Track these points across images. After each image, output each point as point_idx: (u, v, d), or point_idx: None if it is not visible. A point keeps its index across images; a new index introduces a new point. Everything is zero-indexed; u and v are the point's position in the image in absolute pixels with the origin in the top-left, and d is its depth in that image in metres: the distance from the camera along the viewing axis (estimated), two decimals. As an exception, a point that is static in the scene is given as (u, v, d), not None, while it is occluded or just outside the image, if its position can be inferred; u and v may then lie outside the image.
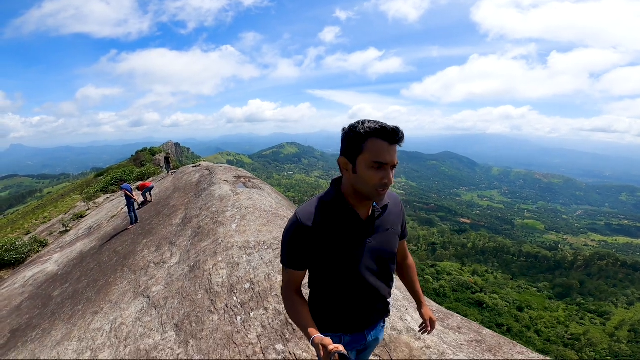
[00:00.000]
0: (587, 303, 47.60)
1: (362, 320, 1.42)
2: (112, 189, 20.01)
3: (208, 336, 3.07)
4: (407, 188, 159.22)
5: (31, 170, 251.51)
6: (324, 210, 1.29)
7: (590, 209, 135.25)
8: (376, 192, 1.20)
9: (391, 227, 1.41)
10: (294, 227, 1.28)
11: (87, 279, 6.39)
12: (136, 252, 6.57)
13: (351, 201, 1.29)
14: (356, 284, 1.34)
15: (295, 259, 1.31)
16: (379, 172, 1.16)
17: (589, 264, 62.36)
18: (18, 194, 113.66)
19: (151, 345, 3.31)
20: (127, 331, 3.78)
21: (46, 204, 26.60)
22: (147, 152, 39.67)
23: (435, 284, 49.63)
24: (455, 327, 3.24)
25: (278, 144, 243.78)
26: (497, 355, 2.74)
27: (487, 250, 72.59)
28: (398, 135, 1.16)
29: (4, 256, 10.35)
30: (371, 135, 1.14)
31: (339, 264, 1.30)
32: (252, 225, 5.20)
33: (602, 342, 37.10)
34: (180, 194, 10.26)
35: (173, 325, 3.49)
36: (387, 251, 1.40)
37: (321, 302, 1.42)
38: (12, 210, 58.30)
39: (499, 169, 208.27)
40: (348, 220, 1.29)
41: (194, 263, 4.67)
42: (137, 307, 4.28)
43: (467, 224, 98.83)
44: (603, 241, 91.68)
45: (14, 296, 7.14)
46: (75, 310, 5.19)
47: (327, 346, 1.05)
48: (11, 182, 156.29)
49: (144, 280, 5.05)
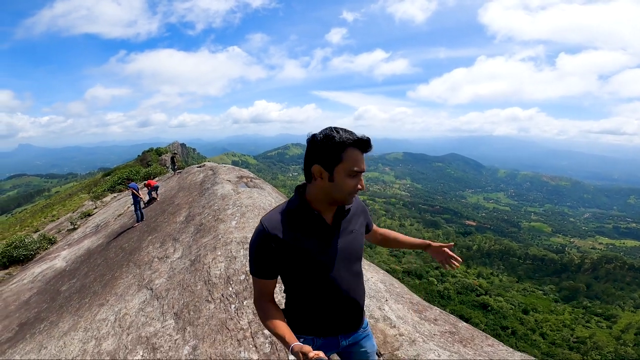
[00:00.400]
0: (594, 306, 47.13)
1: (334, 323, 1.43)
2: (119, 188, 20.38)
3: (204, 323, 3.31)
4: (412, 190, 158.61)
5: (39, 169, 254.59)
6: (290, 218, 1.32)
7: (598, 212, 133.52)
8: (349, 198, 1.29)
9: (356, 228, 1.46)
10: (260, 236, 1.29)
11: (94, 274, 6.62)
12: (141, 248, 6.82)
13: (316, 207, 1.33)
14: (326, 287, 1.35)
15: (264, 268, 1.32)
16: (354, 180, 1.24)
17: (596, 267, 61.66)
18: (26, 193, 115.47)
19: (151, 332, 3.56)
20: (130, 320, 4.02)
21: (54, 203, 27.12)
22: (153, 153, 40.14)
23: (439, 286, 49.48)
24: (431, 319, 3.44)
25: (283, 145, 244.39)
26: (467, 346, 2.90)
27: (493, 252, 72.08)
28: (370, 145, 1.24)
29: (13, 253, 10.58)
30: (349, 145, 1.20)
31: (309, 269, 1.32)
32: (251, 222, 5.48)
33: (608, 345, 36.70)
34: (184, 193, 10.54)
35: (173, 314, 3.75)
36: (354, 252, 1.43)
37: (294, 306, 1.44)
38: (20, 209, 59.33)
39: (505, 171, 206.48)
40: (314, 226, 1.32)
41: (195, 257, 4.93)
42: (140, 298, 4.51)
43: (473, 227, 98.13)
44: (611, 244, 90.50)
45: (22, 291, 7.37)
46: (82, 303, 5.40)
47: (307, 353, 1.05)
48: (19, 181, 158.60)
49: (147, 274, 5.30)
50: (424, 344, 2.74)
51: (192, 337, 3.18)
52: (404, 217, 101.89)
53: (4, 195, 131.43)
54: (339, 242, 1.36)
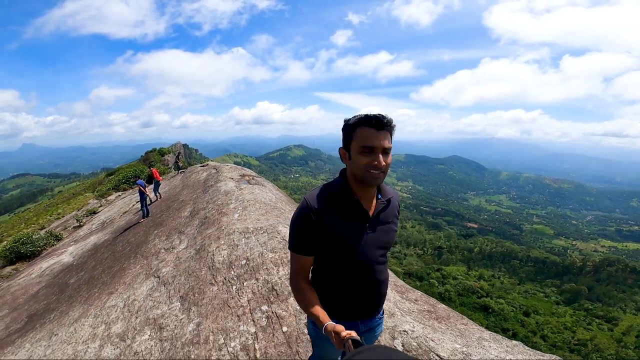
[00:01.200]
0: (595, 309, 46.95)
1: (356, 309, 1.46)
2: (124, 187, 20.67)
3: (207, 303, 3.57)
4: (414, 192, 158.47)
5: (43, 169, 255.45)
6: (332, 198, 1.36)
7: (601, 215, 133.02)
8: (368, 174, 1.27)
9: (392, 220, 1.49)
10: (303, 212, 1.34)
11: (102, 266, 6.85)
12: (148, 241, 7.06)
13: (356, 191, 1.36)
14: (355, 271, 1.39)
15: (304, 243, 1.36)
16: (367, 156, 1.25)
17: (598, 270, 61.44)
18: (29, 193, 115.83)
19: (159, 314, 3.80)
20: (138, 305, 4.25)
21: (58, 202, 27.37)
22: (156, 153, 40.42)
23: (440, 287, 49.38)
24: (412, 299, 3.75)
25: (285, 147, 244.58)
26: (441, 323, 3.13)
27: (494, 255, 71.95)
28: (383, 121, 1.24)
29: (21, 249, 10.74)
30: (359, 124, 1.26)
31: (341, 252, 1.35)
32: (252, 215, 5.73)
33: (609, 347, 36.57)
34: (188, 191, 10.87)
35: (179, 297, 3.99)
36: (386, 243, 1.45)
37: (320, 287, 1.46)
38: (24, 209, 59.74)
39: (507, 174, 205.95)
40: (352, 210, 1.36)
41: (200, 246, 5.17)
42: (148, 286, 4.75)
43: (475, 229, 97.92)
44: (613, 247, 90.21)
45: (30, 285, 7.55)
46: (91, 293, 5.64)
47: (339, 332, 1.10)
48: (23, 181, 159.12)
49: (154, 263, 5.54)
50: (401, 317, 2.98)
51: (197, 316, 3.43)
52: (405, 219, 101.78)
53: (7, 194, 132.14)
54: (374, 230, 1.40)
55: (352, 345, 1.02)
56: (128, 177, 21.86)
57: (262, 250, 4.30)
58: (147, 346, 3.30)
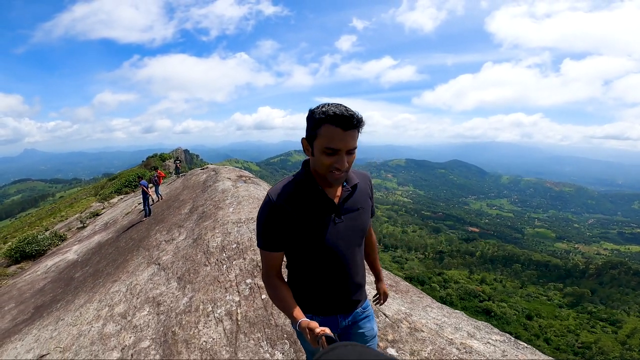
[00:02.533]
0: (599, 311, 46.60)
1: (332, 301, 1.41)
2: (126, 191, 20.98)
3: (200, 280, 4.02)
4: (415, 196, 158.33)
5: (44, 174, 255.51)
6: (296, 190, 1.30)
7: (603, 218, 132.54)
8: (331, 175, 1.20)
9: (361, 206, 1.41)
10: (267, 208, 1.28)
11: (106, 260, 7.16)
12: (150, 236, 7.43)
13: (320, 182, 1.29)
14: (326, 263, 1.33)
15: (272, 240, 1.30)
16: (330, 157, 1.16)
17: (600, 273, 61.10)
18: (31, 198, 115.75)
19: (157, 294, 4.18)
20: (139, 289, 4.60)
21: (61, 206, 27.44)
22: (157, 158, 40.64)
23: (442, 292, 49.13)
24: None
25: (286, 152, 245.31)
26: (398, 294, 3.49)
27: (496, 258, 71.67)
28: (352, 121, 1.12)
29: (26, 248, 10.93)
30: (325, 122, 1.12)
31: (310, 244, 1.30)
32: (246, 208, 6.24)
33: (614, 350, 36.22)
34: (189, 191, 11.37)
35: (176, 278, 4.39)
36: (358, 231, 1.39)
37: (295, 282, 1.43)
38: (25, 214, 59.86)
39: (508, 178, 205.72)
40: (318, 201, 1.29)
41: (197, 236, 5.58)
42: (149, 272, 5.10)
43: (476, 233, 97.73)
44: (615, 250, 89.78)
45: (36, 281, 7.80)
46: (96, 283, 5.91)
47: (313, 329, 1.06)
48: (24, 186, 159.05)
49: (155, 253, 5.89)
50: (363, 287, 3.39)
51: (190, 291, 3.83)
52: (406, 223, 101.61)
53: (8, 199, 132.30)
54: (343, 219, 1.34)
55: (325, 342, 1.01)
56: (130, 181, 22.19)
57: (250, 236, 4.77)
58: (145, 320, 3.62)
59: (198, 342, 2.94)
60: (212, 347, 2.81)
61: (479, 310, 44.43)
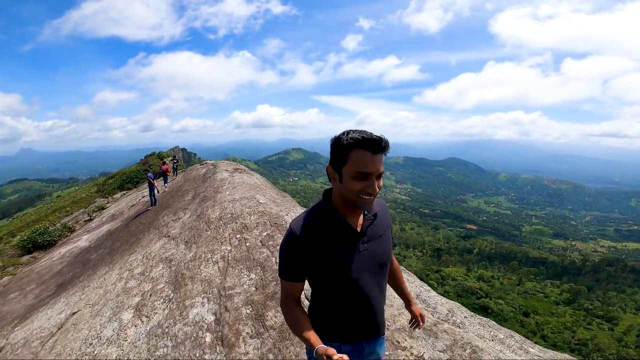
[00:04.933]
0: (595, 308, 46.96)
1: (358, 329, 1.42)
2: (128, 187, 21.38)
3: (203, 241, 5.14)
4: (413, 194, 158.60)
5: (41, 174, 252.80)
6: (317, 222, 1.31)
7: (600, 215, 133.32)
8: (361, 200, 1.21)
9: (383, 233, 1.44)
10: (289, 240, 1.30)
11: (120, 241, 8.00)
12: (158, 219, 8.32)
13: (341, 211, 1.31)
14: (351, 291, 1.34)
15: (293, 271, 1.32)
16: (362, 182, 1.17)
17: (597, 270, 61.55)
18: (28, 198, 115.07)
19: (169, 255, 5.23)
20: (154, 255, 5.54)
21: (63, 203, 27.30)
22: (155, 157, 40.53)
23: (439, 289, 49.33)
24: None
25: (284, 150, 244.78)
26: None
27: (493, 255, 72.06)
28: (381, 144, 1.15)
29: (38, 239, 11.52)
30: (354, 146, 1.15)
31: (335, 273, 1.30)
32: (239, 191, 7.37)
33: (610, 347, 36.51)
34: (190, 183, 12.34)
35: (184, 242, 5.54)
36: (382, 258, 1.41)
37: (320, 311, 1.43)
38: (22, 213, 59.58)
39: (506, 175, 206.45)
40: (340, 230, 1.30)
41: (200, 213, 6.70)
42: (161, 243, 6.09)
43: (474, 230, 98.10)
44: (612, 247, 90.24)
45: (54, 265, 8.42)
46: (114, 258, 6.71)
47: (331, 356, 1.06)
48: (20, 186, 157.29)
49: (165, 230, 6.89)
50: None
51: (195, 248, 4.99)
52: (404, 221, 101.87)
53: (5, 199, 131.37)
54: (366, 247, 1.35)
55: None
56: (132, 178, 22.63)
57: (242, 208, 5.96)
58: (160, 272, 4.68)
59: (200, 276, 4.08)
60: (209, 278, 3.99)
61: (476, 308, 44.67)
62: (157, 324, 3.42)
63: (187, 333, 3.10)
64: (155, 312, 3.66)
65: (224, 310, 3.29)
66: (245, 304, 3.33)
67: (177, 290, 3.91)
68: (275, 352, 2.66)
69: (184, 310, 3.48)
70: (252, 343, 2.81)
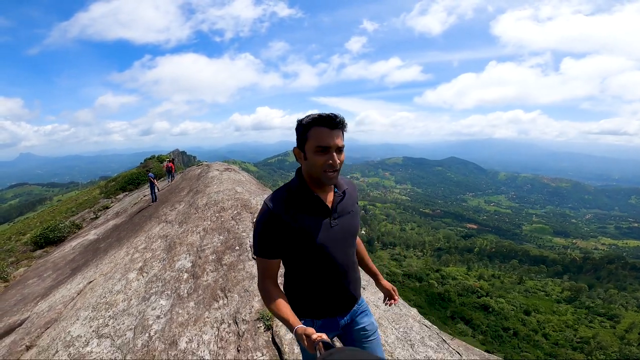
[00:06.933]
0: (597, 306, 46.86)
1: (332, 304, 1.47)
2: (130, 188, 22.06)
3: (191, 221, 6.48)
4: (413, 194, 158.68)
5: (40, 178, 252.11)
6: (290, 197, 1.37)
7: (600, 213, 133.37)
8: (324, 175, 1.30)
9: (352, 209, 1.51)
10: (265, 216, 1.34)
11: (125, 231, 9.20)
12: (158, 211, 9.66)
13: (313, 188, 1.38)
14: (324, 266, 1.39)
15: (268, 247, 1.35)
16: (323, 156, 1.27)
17: (598, 268, 61.57)
18: (28, 202, 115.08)
19: (166, 233, 6.53)
20: (154, 235, 6.82)
21: (68, 205, 27.41)
22: (155, 160, 40.58)
23: (440, 288, 49.24)
24: None
25: (283, 152, 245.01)
26: None
27: (494, 254, 72.05)
28: (336, 120, 1.26)
29: (49, 235, 12.41)
30: (312, 125, 1.27)
31: (307, 247, 1.35)
32: (224, 185, 8.87)
33: (612, 345, 36.43)
34: (186, 181, 13.71)
35: (177, 223, 6.89)
36: (352, 232, 1.48)
37: (293, 288, 1.48)
38: (23, 218, 59.53)
39: (505, 174, 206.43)
40: (313, 206, 1.37)
41: (191, 202, 8.25)
42: (160, 226, 7.41)
43: (474, 229, 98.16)
44: (613, 244, 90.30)
45: (67, 255, 9.33)
46: (121, 242, 7.86)
47: (310, 335, 1.08)
48: (21, 190, 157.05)
49: (163, 217, 8.27)
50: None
51: (184, 226, 6.36)
52: (404, 221, 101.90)
53: (5, 204, 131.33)
54: (337, 222, 1.41)
55: (322, 347, 1.02)
56: (133, 179, 23.22)
57: (223, 196, 7.39)
58: (158, 245, 5.97)
59: (186, 242, 5.47)
60: (192, 242, 5.34)
61: (477, 306, 44.59)
62: (153, 275, 4.65)
63: (173, 276, 4.40)
64: (152, 269, 4.91)
65: (197, 259, 4.66)
66: (212, 253, 4.70)
67: (169, 252, 5.30)
68: (224, 278, 3.92)
69: (172, 263, 4.78)
70: (211, 275, 4.11)
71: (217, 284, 3.82)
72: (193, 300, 3.64)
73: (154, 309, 3.69)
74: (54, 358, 3.26)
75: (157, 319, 3.46)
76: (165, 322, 3.32)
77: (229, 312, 3.24)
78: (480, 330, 39.07)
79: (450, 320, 40.87)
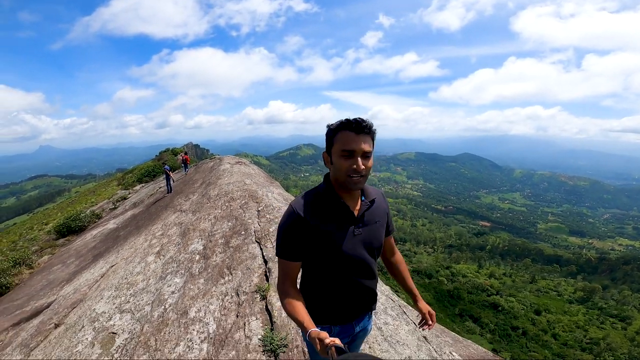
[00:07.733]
0: (609, 307, 46.11)
1: (350, 311, 1.47)
2: (146, 180, 23.06)
3: (203, 209, 7.18)
4: (425, 190, 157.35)
5: (59, 170, 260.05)
6: (317, 202, 1.36)
7: (619, 213, 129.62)
8: (349, 179, 1.28)
9: (378, 220, 1.49)
10: (290, 219, 1.34)
11: (143, 220, 9.87)
12: (173, 201, 10.34)
13: (340, 193, 1.37)
14: (345, 272, 1.39)
15: (291, 249, 1.35)
16: (348, 160, 1.26)
17: (613, 269, 60.28)
18: (47, 193, 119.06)
19: (181, 221, 7.26)
20: (170, 222, 7.56)
21: (87, 196, 28.54)
22: (169, 153, 41.67)
23: (449, 285, 49.17)
24: None
25: (295, 146, 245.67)
26: None
27: (506, 252, 71.22)
28: (362, 124, 1.25)
29: (71, 224, 13.10)
30: (340, 129, 1.28)
31: (330, 253, 1.35)
32: (234, 177, 9.71)
33: (622, 346, 35.96)
34: (200, 174, 14.56)
35: (191, 212, 7.67)
36: (374, 243, 1.46)
37: (311, 294, 1.47)
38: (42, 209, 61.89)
39: (521, 171, 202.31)
40: (339, 212, 1.36)
41: (204, 193, 9.04)
42: (175, 215, 8.13)
43: (487, 227, 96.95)
44: (630, 245, 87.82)
45: (88, 243, 9.98)
46: (139, 230, 8.52)
47: (323, 339, 1.08)
48: (40, 182, 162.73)
49: (178, 207, 9.01)
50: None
51: (197, 214, 7.09)
52: (416, 217, 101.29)
53: (25, 195, 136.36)
54: (360, 232, 1.40)
55: (335, 352, 1.02)
56: (149, 172, 24.26)
57: (232, 187, 8.14)
58: (174, 231, 6.63)
59: (199, 228, 6.04)
60: (204, 228, 5.93)
61: (486, 305, 44.45)
62: (169, 257, 5.26)
63: (186, 257, 4.96)
64: (169, 252, 5.54)
65: (208, 242, 5.24)
66: (221, 237, 5.27)
67: (184, 237, 5.93)
68: (231, 258, 4.42)
69: (186, 247, 5.39)
70: (220, 256, 4.64)
71: (224, 263, 4.37)
72: (203, 277, 4.17)
73: (170, 285, 4.21)
74: (81, 333, 3.73)
75: (171, 294, 3.96)
76: (179, 297, 3.81)
77: (233, 286, 3.75)
78: (488, 329, 39.05)
79: (458, 317, 40.97)
